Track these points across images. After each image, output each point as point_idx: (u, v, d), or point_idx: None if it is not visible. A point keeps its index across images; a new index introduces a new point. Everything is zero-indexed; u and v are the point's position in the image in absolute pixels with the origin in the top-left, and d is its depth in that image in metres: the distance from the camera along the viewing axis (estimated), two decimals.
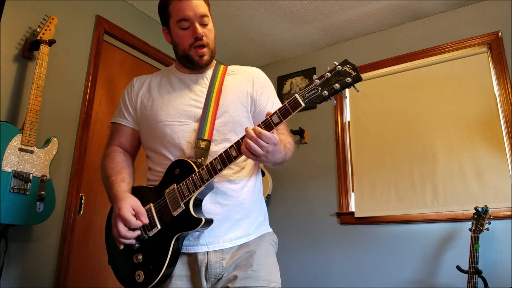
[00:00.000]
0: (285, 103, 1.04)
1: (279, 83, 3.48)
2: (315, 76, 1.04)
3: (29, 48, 2.02)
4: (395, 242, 2.65)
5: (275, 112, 1.04)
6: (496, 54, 2.57)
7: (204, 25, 1.25)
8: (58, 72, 2.20)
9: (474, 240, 2.14)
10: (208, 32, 1.26)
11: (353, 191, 2.94)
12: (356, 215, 2.83)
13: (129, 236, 1.12)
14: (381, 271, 2.65)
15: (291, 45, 3.33)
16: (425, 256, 2.52)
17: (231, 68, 1.36)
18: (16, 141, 1.76)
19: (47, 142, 1.92)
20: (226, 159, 1.09)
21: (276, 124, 1.04)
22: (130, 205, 1.13)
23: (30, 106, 1.81)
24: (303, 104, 1.02)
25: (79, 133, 2.25)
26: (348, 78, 1.00)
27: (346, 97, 1.05)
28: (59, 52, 2.21)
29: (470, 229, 2.20)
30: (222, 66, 1.35)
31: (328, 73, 1.03)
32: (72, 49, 2.31)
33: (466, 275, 2.11)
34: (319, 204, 3.03)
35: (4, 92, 1.93)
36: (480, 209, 2.20)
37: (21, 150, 1.77)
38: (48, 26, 1.98)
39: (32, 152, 1.81)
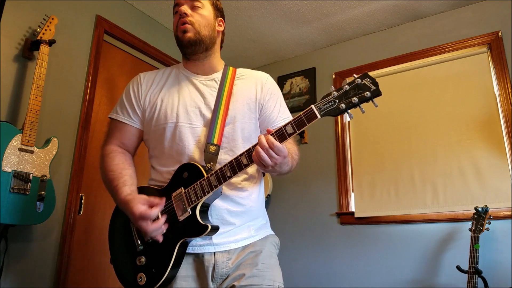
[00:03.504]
0: (301, 113, 1.02)
1: (279, 83, 3.48)
2: (332, 88, 1.03)
3: (29, 48, 2.02)
4: (395, 242, 2.65)
5: (290, 122, 1.03)
6: (496, 54, 2.57)
7: (194, 9, 1.26)
8: (58, 72, 2.20)
9: (474, 240, 2.14)
10: (197, 15, 1.26)
11: (353, 191, 2.94)
12: (356, 215, 2.83)
13: (158, 226, 1.09)
14: (381, 271, 2.65)
15: (291, 45, 3.33)
16: (425, 256, 2.52)
17: (240, 71, 1.36)
18: (16, 141, 1.76)
19: (47, 142, 1.92)
20: (236, 166, 1.08)
21: (290, 135, 1.03)
22: (139, 202, 1.10)
23: (30, 106, 1.81)
24: (319, 116, 1.00)
25: (79, 133, 2.25)
26: (367, 92, 0.99)
27: (352, 117, 1.04)
28: (59, 52, 2.21)
29: (470, 229, 2.20)
30: (231, 69, 1.34)
31: (346, 86, 1.01)
32: (72, 49, 2.31)
33: (466, 275, 2.11)
34: (319, 204, 3.03)
35: (4, 92, 1.93)
36: (480, 209, 2.20)
37: (21, 150, 1.77)
38: (48, 26, 1.98)
39: (32, 152, 1.81)
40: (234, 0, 2.71)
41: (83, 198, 2.25)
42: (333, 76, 3.22)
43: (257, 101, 1.30)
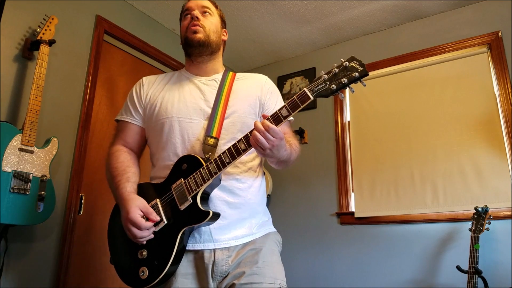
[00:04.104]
0: (294, 96, 1.07)
1: (279, 83, 3.48)
2: (323, 71, 1.08)
3: (29, 48, 2.02)
4: (395, 242, 2.65)
5: (284, 105, 1.07)
6: (496, 54, 2.57)
7: (205, 15, 1.35)
8: (58, 72, 2.20)
9: (474, 240, 2.14)
10: (207, 21, 1.34)
11: (353, 191, 2.94)
12: (356, 215, 2.83)
13: (145, 235, 1.12)
14: (381, 271, 2.65)
15: (291, 45, 3.33)
16: (425, 256, 2.52)
17: (239, 74, 1.42)
18: (16, 141, 1.76)
19: (47, 142, 1.92)
20: (235, 152, 1.10)
21: (285, 117, 1.07)
22: (137, 207, 1.13)
23: (30, 106, 1.81)
24: (311, 97, 1.05)
25: (79, 133, 2.25)
26: (356, 73, 1.04)
27: (343, 98, 1.08)
28: (59, 52, 2.21)
29: (470, 229, 2.20)
30: (231, 72, 1.40)
31: (335, 68, 1.07)
32: (72, 49, 2.31)
33: (466, 275, 2.11)
34: (319, 204, 3.03)
35: (4, 92, 1.93)
36: (480, 209, 2.20)
37: (21, 150, 1.77)
38: (48, 26, 1.98)
39: (32, 152, 1.81)
40: (234, 0, 2.71)
41: (83, 198, 2.25)
42: None
43: (258, 99, 1.34)
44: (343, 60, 1.06)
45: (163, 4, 2.77)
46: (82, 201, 2.24)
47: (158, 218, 1.15)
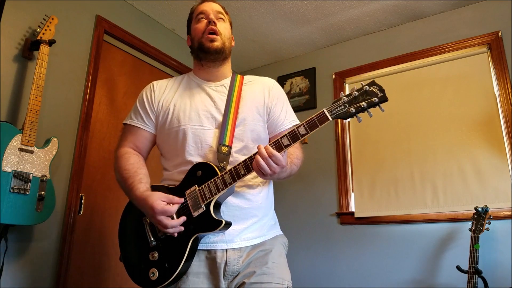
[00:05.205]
0: (313, 116, 1.09)
1: (279, 83, 3.45)
2: (342, 94, 1.10)
3: (29, 48, 2.02)
4: (395, 242, 2.65)
5: (302, 123, 1.09)
6: (496, 54, 2.57)
7: (219, 20, 1.36)
8: (58, 72, 2.20)
9: (474, 240, 2.14)
10: (222, 27, 1.35)
11: (353, 191, 2.94)
12: (356, 215, 2.83)
13: (178, 222, 1.14)
14: (381, 271, 2.65)
15: (291, 45, 3.33)
16: (425, 256, 2.52)
17: (247, 77, 1.44)
18: (16, 141, 1.76)
19: (47, 142, 1.92)
20: (250, 165, 1.12)
21: (303, 136, 1.09)
22: (158, 199, 1.15)
23: (30, 106, 1.81)
24: (330, 119, 1.08)
25: (79, 133, 2.25)
26: (375, 98, 1.06)
27: (360, 121, 1.09)
28: (59, 52, 2.20)
29: (470, 229, 2.20)
30: (239, 76, 1.41)
31: (355, 92, 1.08)
32: (72, 49, 2.31)
33: (466, 275, 2.11)
34: (319, 204, 3.03)
35: (4, 92, 1.93)
36: (480, 209, 2.20)
37: (21, 150, 1.77)
38: (48, 26, 1.98)
39: (32, 152, 1.81)
40: (234, 0, 2.71)
41: (83, 198, 2.25)
42: (333, 76, 3.22)
43: (265, 105, 1.36)
44: (364, 84, 1.07)
45: (163, 4, 2.77)
46: (82, 201, 2.24)
47: (182, 200, 1.17)
